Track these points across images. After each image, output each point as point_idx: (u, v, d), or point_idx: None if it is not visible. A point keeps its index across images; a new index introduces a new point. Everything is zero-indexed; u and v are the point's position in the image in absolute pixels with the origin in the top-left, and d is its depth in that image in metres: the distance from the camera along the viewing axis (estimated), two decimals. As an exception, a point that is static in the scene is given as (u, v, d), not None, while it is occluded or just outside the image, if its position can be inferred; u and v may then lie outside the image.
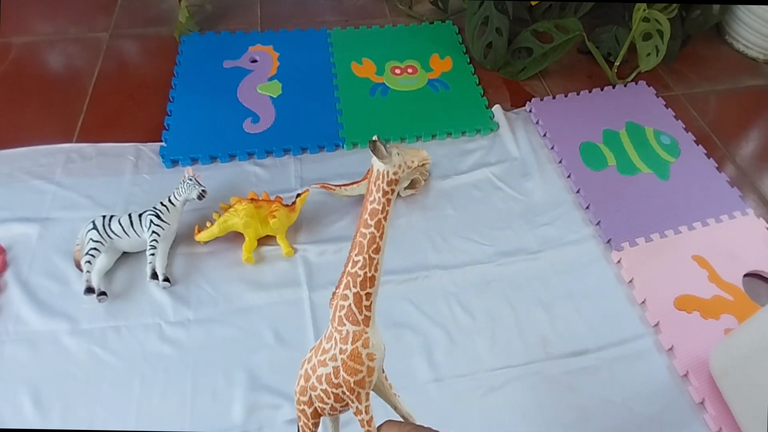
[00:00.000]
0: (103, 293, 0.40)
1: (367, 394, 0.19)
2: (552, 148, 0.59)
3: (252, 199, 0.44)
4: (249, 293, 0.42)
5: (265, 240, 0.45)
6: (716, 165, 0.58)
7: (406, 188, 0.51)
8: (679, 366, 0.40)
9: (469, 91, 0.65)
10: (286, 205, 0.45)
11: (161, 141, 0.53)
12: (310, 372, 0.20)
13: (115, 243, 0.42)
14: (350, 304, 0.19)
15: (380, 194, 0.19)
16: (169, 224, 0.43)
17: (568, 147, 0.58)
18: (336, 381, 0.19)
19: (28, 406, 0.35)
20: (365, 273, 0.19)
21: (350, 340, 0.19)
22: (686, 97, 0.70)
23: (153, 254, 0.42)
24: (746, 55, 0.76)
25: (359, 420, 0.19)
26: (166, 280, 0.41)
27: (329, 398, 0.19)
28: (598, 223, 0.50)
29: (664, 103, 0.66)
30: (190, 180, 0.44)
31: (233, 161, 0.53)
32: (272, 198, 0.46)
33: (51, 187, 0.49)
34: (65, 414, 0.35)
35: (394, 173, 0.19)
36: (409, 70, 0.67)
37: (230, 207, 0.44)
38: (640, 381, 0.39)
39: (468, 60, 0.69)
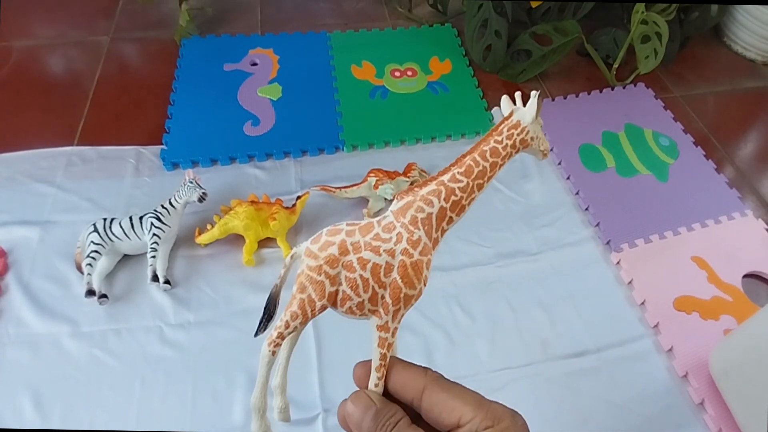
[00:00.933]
0: (104, 296, 0.41)
1: (402, 316, 0.16)
2: (551, 149, 0.59)
3: (252, 202, 0.45)
4: (250, 295, 0.42)
5: (265, 242, 0.45)
6: (715, 166, 0.59)
7: (405, 190, 0.51)
8: (678, 367, 0.41)
9: (468, 93, 0.65)
10: (287, 208, 0.45)
11: (162, 144, 0.54)
12: (350, 247, 0.16)
13: (115, 245, 0.43)
14: (432, 213, 0.17)
15: (510, 142, 0.18)
16: (169, 227, 0.43)
17: (567, 149, 0.59)
18: (384, 279, 0.16)
19: (29, 408, 0.36)
20: (461, 197, 0.18)
21: (420, 249, 0.16)
22: (685, 99, 0.71)
23: (154, 257, 0.42)
24: (744, 56, 0.77)
25: (379, 337, 0.16)
26: (167, 282, 0.42)
27: (366, 291, 0.16)
28: (597, 225, 0.51)
29: (663, 104, 0.67)
30: (191, 182, 0.44)
31: (234, 164, 0.53)
32: (272, 200, 0.46)
33: (52, 190, 0.49)
34: (66, 416, 0.35)
35: (531, 138, 0.19)
36: (409, 73, 0.68)
37: (230, 209, 0.44)
38: (640, 382, 0.39)
39: (467, 62, 0.70)
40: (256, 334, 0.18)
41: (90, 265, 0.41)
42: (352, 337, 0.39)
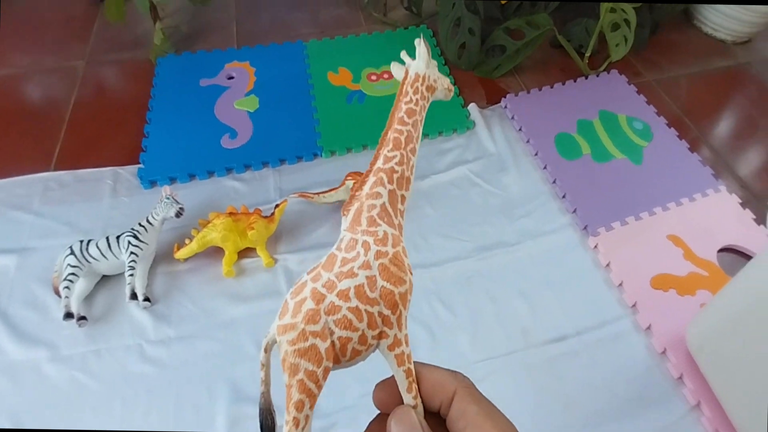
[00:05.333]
0: (83, 318, 0.41)
1: (406, 319, 0.15)
2: (528, 141, 0.61)
3: (230, 213, 0.46)
4: (230, 306, 0.43)
5: (245, 252, 0.47)
6: (688, 146, 0.61)
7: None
8: (657, 344, 0.42)
9: (444, 92, 0.67)
10: (265, 217, 0.47)
11: (139, 163, 0.55)
12: (323, 290, 0.14)
13: (93, 267, 0.44)
14: (384, 203, 0.16)
15: (418, 96, 0.19)
16: (147, 244, 0.44)
17: (543, 139, 0.61)
18: (372, 295, 0.14)
19: (10, 438, 0.36)
20: (402, 170, 0.17)
21: (391, 242, 0.15)
22: (658, 83, 0.73)
23: (132, 275, 0.43)
24: (715, 37, 0.80)
25: (395, 356, 0.14)
26: (147, 299, 0.43)
27: (361, 321, 0.14)
28: (574, 211, 0.53)
29: (636, 89, 0.69)
30: (168, 199, 0.45)
31: (212, 178, 0.55)
32: (251, 211, 0.47)
33: (29, 217, 0.50)
34: (48, 443, 0.35)
35: (434, 81, 0.19)
36: (386, 76, 0.70)
37: (209, 222, 0.45)
38: (619, 362, 0.40)
39: (443, 61, 0.72)
40: None
41: (67, 287, 0.42)
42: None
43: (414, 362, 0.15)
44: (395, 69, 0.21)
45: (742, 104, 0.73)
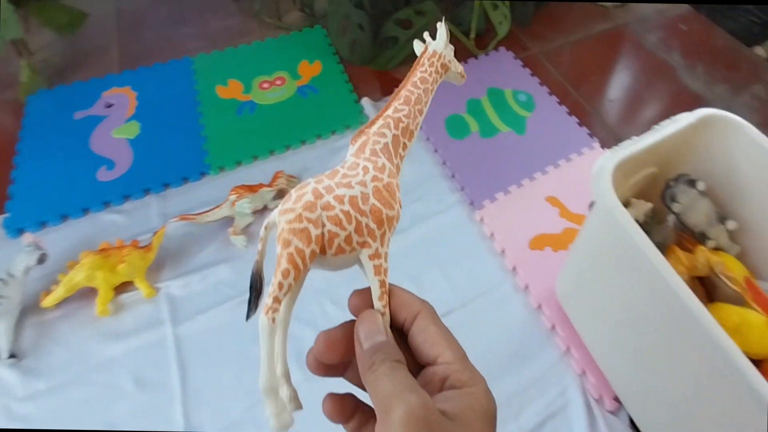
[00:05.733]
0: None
1: (389, 240, 0.17)
2: (420, 127, 0.62)
3: (102, 250, 0.44)
4: (106, 346, 0.41)
5: (124, 287, 0.45)
6: (567, 110, 0.65)
7: (274, 198, 0.52)
8: (533, 301, 0.45)
9: (338, 90, 0.68)
10: (142, 247, 0.45)
11: (4, 212, 0.52)
12: (323, 191, 0.16)
13: (-48, 331, 0.40)
14: (387, 143, 0.19)
15: (432, 69, 0.21)
16: (9, 298, 0.41)
17: (434, 123, 0.63)
18: (363, 207, 0.16)
19: None
20: (408, 123, 0.19)
21: (387, 173, 0.18)
22: (543, 54, 0.77)
23: (-4, 333, 0.40)
24: (597, 4, 0.85)
25: (374, 266, 0.17)
26: (13, 356, 0.40)
27: (350, 223, 0.16)
28: (462, 189, 0.55)
29: (522, 63, 0.73)
30: (28, 246, 0.42)
31: (87, 215, 0.52)
32: (129, 243, 0.46)
33: None
34: None
35: (449, 61, 0.21)
36: (278, 82, 0.69)
37: (77, 264, 0.43)
38: (500, 325, 0.43)
39: (338, 60, 0.72)
40: (247, 317, 0.17)
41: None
42: (219, 361, 0.40)
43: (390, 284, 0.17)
44: (417, 45, 0.22)
45: (618, 63, 0.79)
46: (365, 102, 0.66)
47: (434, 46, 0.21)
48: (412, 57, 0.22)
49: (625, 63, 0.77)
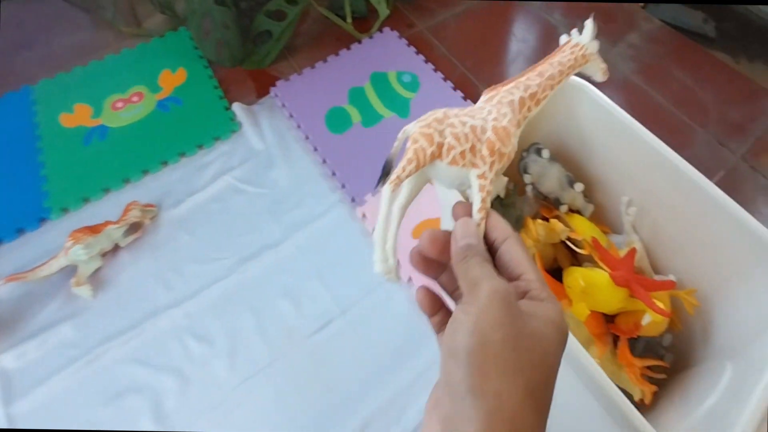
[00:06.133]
0: None
1: (497, 172, 0.20)
2: (299, 126, 0.58)
3: None
4: None
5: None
6: (453, 85, 0.63)
7: (126, 235, 0.46)
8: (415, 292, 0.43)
9: (205, 98, 0.61)
10: (-46, 324, 0.38)
11: None
12: (451, 114, 0.21)
13: None
14: (515, 100, 0.22)
15: (573, 57, 0.24)
16: None
17: (314, 120, 0.59)
18: (480, 135, 0.20)
19: None
20: (537, 91, 0.22)
21: (507, 120, 0.21)
22: (429, 30, 0.75)
23: None
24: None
25: (480, 184, 0.20)
26: None
27: (466, 141, 0.20)
28: (343, 186, 0.52)
29: (407, 42, 0.70)
30: None
31: None
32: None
33: None
34: None
35: (590, 54, 0.24)
36: (135, 99, 0.61)
37: None
38: (383, 324, 0.41)
39: (205, 64, 0.65)
40: (375, 188, 0.22)
41: None
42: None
43: (490, 209, 0.20)
44: (563, 38, 0.25)
45: (503, 30, 0.79)
46: (237, 107, 0.60)
47: (578, 38, 0.24)
48: (291, 50, 0.19)
49: (510, 29, 0.77)
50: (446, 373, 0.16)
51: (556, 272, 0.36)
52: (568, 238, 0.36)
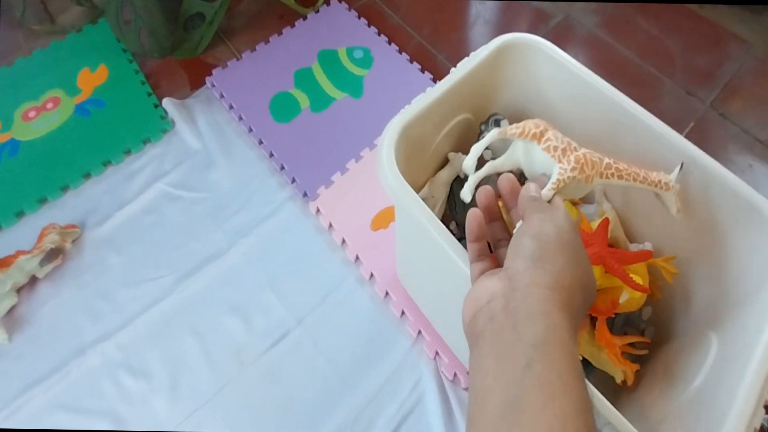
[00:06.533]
0: None
1: (569, 179, 0.24)
2: (240, 118, 0.52)
3: None
4: None
5: None
6: (408, 57, 0.57)
7: (43, 264, 0.40)
8: (379, 290, 0.40)
9: (131, 96, 0.54)
10: None
11: None
12: (577, 147, 0.26)
13: None
14: (603, 159, 0.26)
15: (655, 180, 0.28)
16: None
17: (257, 110, 0.53)
18: (573, 149, 0.25)
19: None
20: (622, 169, 0.27)
21: (596, 157, 0.26)
22: (380, -1, 0.68)
23: None
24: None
25: (558, 172, 0.24)
26: None
27: (561, 143, 0.25)
28: (293, 181, 0.46)
29: (357, 14, 0.63)
30: None
31: None
32: None
33: None
34: None
35: (673, 187, 0.29)
36: (49, 105, 0.54)
37: None
38: (345, 328, 0.37)
39: (130, 58, 0.58)
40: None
41: None
42: None
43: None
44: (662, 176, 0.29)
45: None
46: (168, 103, 0.53)
47: (668, 177, 0.28)
48: (228, 33, 0.13)
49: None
50: (518, 245, 0.20)
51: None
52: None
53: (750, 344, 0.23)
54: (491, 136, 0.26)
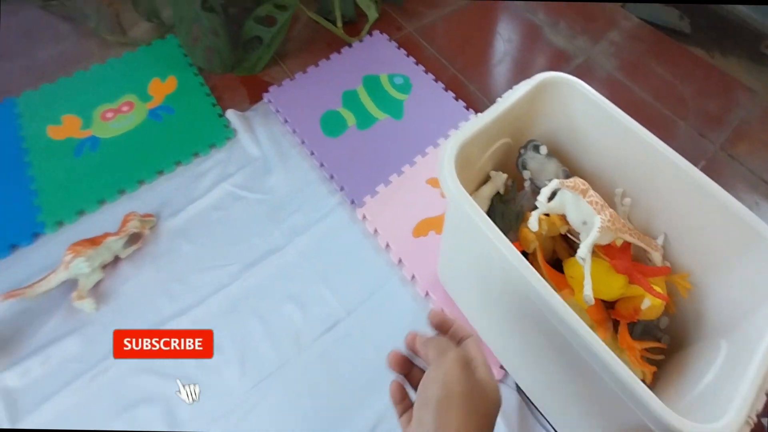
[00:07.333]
0: None
1: (603, 229, 0.33)
2: (294, 131, 0.59)
3: None
4: None
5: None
6: (444, 86, 0.65)
7: (126, 246, 0.46)
8: (420, 290, 0.45)
9: (198, 106, 0.62)
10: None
11: None
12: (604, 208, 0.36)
13: None
14: (626, 224, 0.36)
15: (655, 247, 0.38)
16: None
17: (309, 124, 0.60)
18: (607, 207, 0.35)
19: None
20: (627, 229, 0.36)
21: (620, 222, 0.36)
22: (417, 32, 0.77)
23: None
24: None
25: (600, 222, 0.34)
26: None
27: (600, 201, 0.35)
28: (342, 189, 0.53)
29: (397, 45, 0.72)
30: None
31: None
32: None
33: None
34: None
35: (658, 250, 0.38)
36: (125, 108, 0.61)
37: None
38: (389, 323, 0.43)
39: (195, 72, 0.66)
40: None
41: None
42: None
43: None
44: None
45: (489, 30, 0.81)
46: (231, 114, 0.61)
47: (655, 242, 0.38)
48: (283, 56, 0.18)
49: (495, 29, 0.80)
50: (418, 419, 0.22)
51: (556, 264, 0.38)
52: (568, 231, 0.38)
53: (755, 343, 0.27)
54: (554, 184, 0.35)
